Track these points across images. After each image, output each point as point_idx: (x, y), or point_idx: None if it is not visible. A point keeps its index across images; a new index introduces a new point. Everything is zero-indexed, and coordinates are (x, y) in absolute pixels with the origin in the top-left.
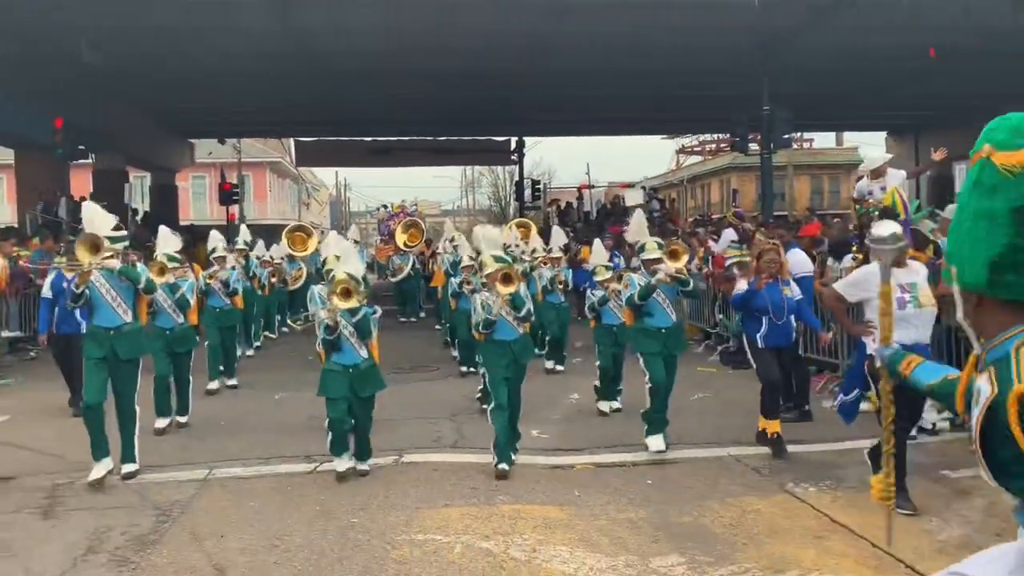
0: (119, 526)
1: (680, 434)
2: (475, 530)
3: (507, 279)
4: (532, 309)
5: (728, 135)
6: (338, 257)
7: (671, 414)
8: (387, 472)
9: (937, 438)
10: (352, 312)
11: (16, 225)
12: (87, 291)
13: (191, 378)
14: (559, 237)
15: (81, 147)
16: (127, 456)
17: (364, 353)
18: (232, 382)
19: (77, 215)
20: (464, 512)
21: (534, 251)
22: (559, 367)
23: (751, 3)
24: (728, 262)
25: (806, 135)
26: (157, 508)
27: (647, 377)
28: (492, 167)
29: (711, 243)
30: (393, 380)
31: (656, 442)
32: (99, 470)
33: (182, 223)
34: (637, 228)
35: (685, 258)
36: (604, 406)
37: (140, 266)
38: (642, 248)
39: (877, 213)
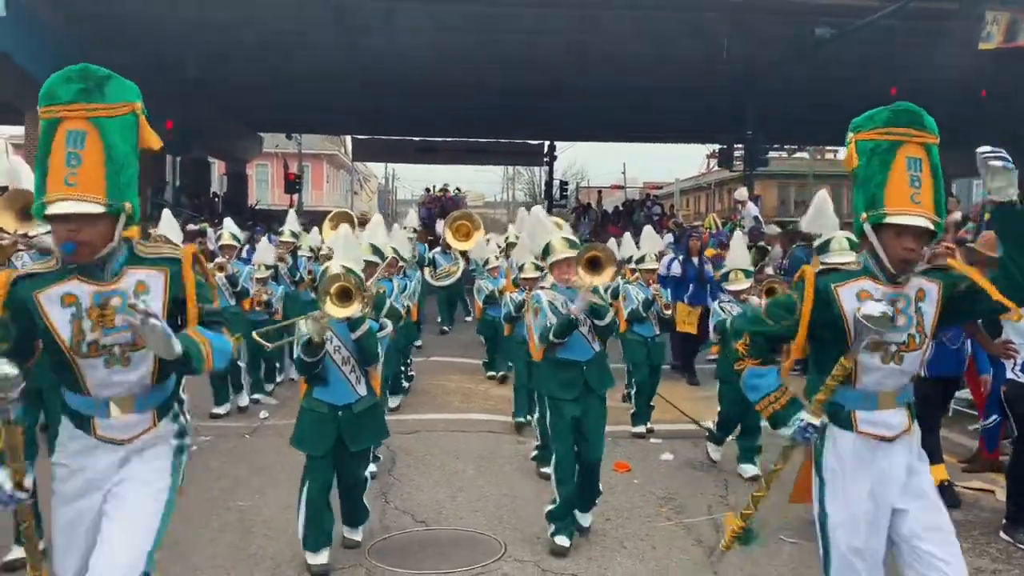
0: None
1: None
2: (466, 382)
3: (595, 264)
4: (616, 321)
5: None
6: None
7: None
8: (425, 364)
9: None
10: (352, 325)
11: None
12: None
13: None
14: (653, 242)
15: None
16: None
17: (363, 389)
18: (243, 401)
19: (179, 199)
20: (458, 378)
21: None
22: (642, 428)
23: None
24: None
25: (828, 147)
26: None
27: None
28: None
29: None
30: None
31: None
32: None
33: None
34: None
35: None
36: (748, 471)
37: None
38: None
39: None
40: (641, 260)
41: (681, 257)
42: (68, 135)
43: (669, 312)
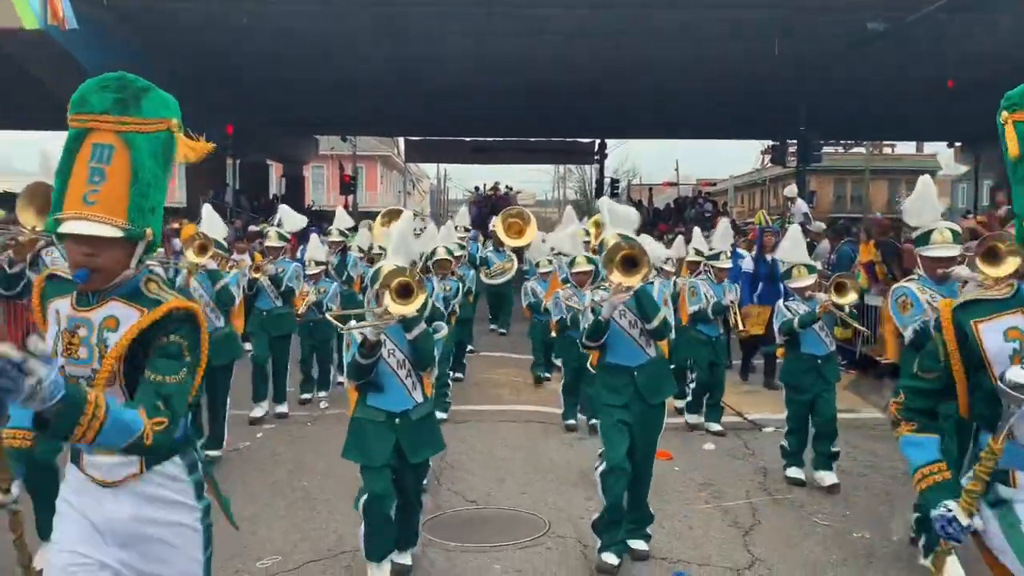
0: None
1: None
2: (513, 375)
3: (630, 264)
4: (669, 322)
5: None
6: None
7: None
8: (476, 358)
9: None
10: (407, 325)
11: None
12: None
13: (228, 401)
14: (725, 236)
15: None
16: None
17: (419, 395)
18: (281, 408)
19: (238, 201)
20: (508, 371)
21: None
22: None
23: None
24: None
25: (886, 142)
26: None
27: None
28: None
29: None
30: None
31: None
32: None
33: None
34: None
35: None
36: (827, 479)
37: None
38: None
39: None
40: (716, 257)
41: (753, 254)
42: (94, 148)
43: (743, 332)
